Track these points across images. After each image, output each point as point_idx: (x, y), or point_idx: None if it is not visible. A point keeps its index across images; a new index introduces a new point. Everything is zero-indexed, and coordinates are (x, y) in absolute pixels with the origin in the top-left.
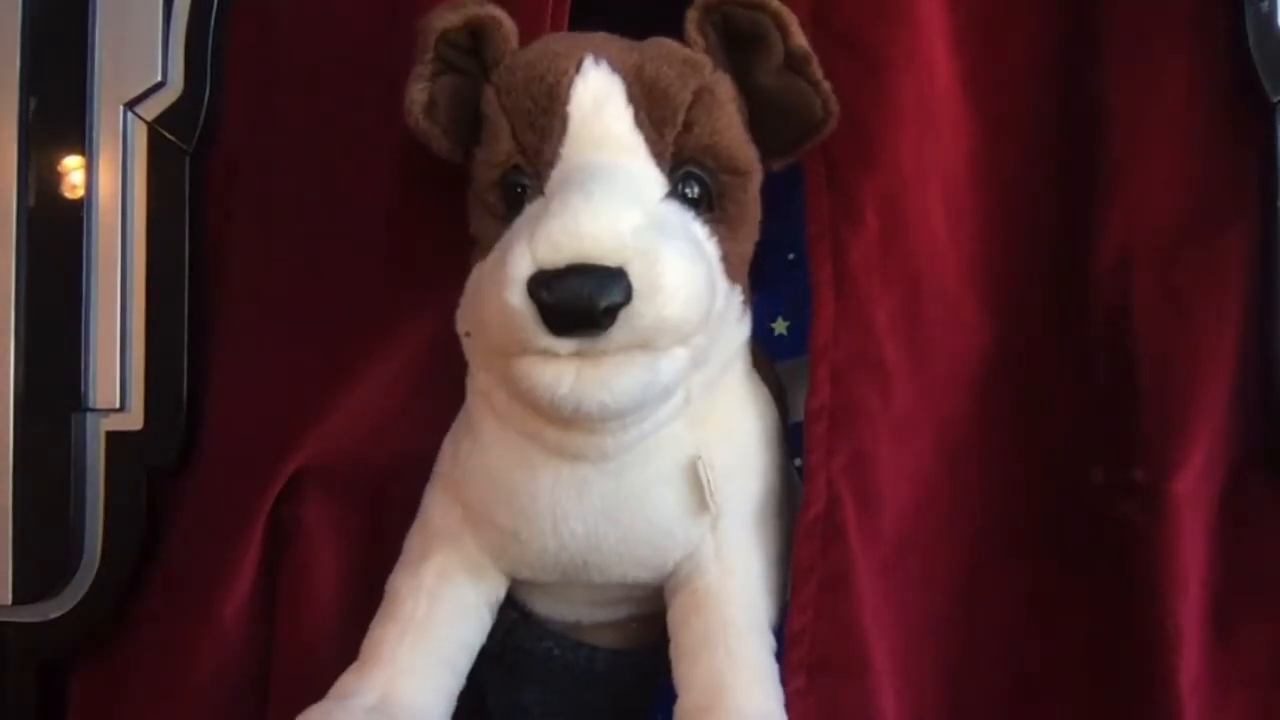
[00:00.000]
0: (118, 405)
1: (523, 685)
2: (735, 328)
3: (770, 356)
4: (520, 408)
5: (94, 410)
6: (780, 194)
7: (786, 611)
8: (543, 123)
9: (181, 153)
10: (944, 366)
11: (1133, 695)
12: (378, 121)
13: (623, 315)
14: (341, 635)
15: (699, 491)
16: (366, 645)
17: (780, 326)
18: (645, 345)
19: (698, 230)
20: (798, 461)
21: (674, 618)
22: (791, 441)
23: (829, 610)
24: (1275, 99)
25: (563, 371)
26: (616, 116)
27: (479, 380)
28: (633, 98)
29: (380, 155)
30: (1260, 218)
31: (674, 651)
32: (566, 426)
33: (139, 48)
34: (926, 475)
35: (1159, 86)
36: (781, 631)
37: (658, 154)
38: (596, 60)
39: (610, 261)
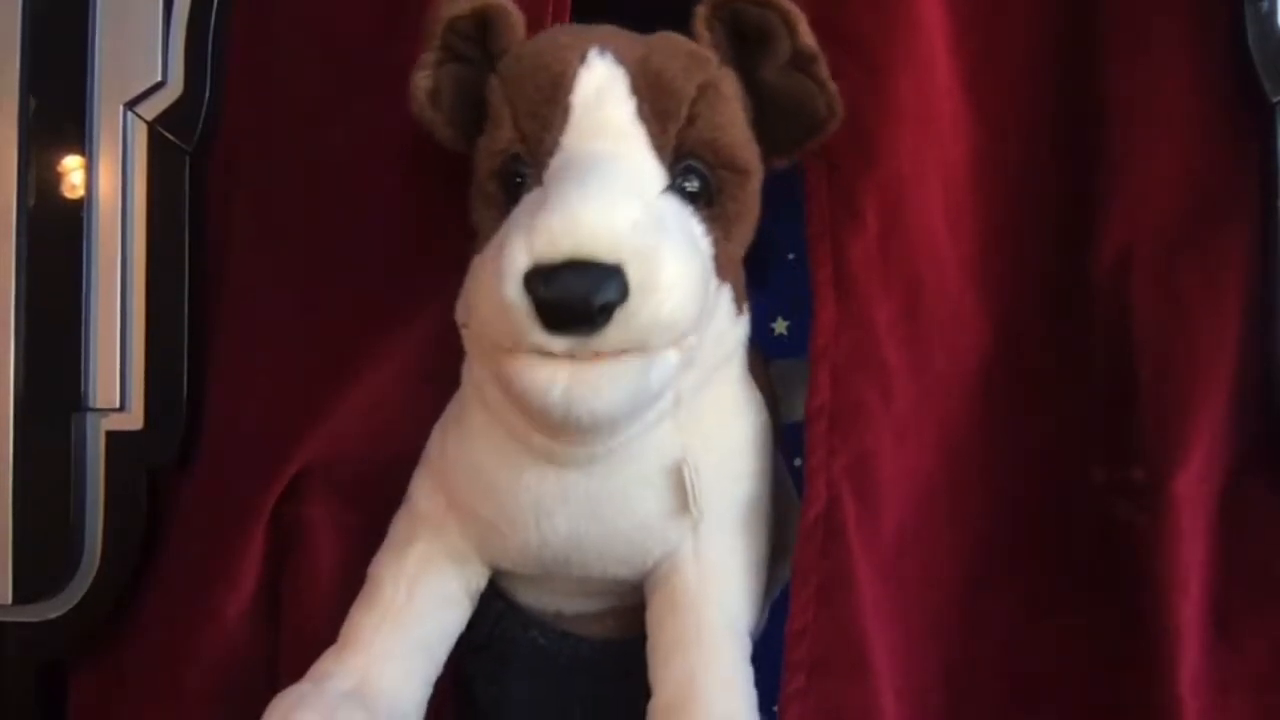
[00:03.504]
0: (118, 405)
1: (511, 675)
2: (729, 330)
3: (769, 356)
4: (511, 408)
5: (94, 410)
6: (780, 194)
7: (769, 615)
8: (545, 111)
9: (181, 153)
10: (944, 366)
11: (1133, 695)
12: (377, 121)
13: (619, 313)
14: None
15: (682, 494)
16: (346, 629)
17: (780, 326)
18: (640, 346)
19: (694, 226)
20: (798, 461)
21: (652, 616)
22: (793, 441)
23: (829, 610)
24: (1275, 99)
25: (555, 375)
26: (618, 107)
27: (474, 371)
28: (636, 89)
29: (380, 154)
30: (1260, 217)
31: (650, 650)
32: (554, 434)
33: (139, 48)
34: (926, 475)
35: (1159, 86)
36: (767, 635)
37: (659, 147)
38: (602, 52)
39: (607, 258)
